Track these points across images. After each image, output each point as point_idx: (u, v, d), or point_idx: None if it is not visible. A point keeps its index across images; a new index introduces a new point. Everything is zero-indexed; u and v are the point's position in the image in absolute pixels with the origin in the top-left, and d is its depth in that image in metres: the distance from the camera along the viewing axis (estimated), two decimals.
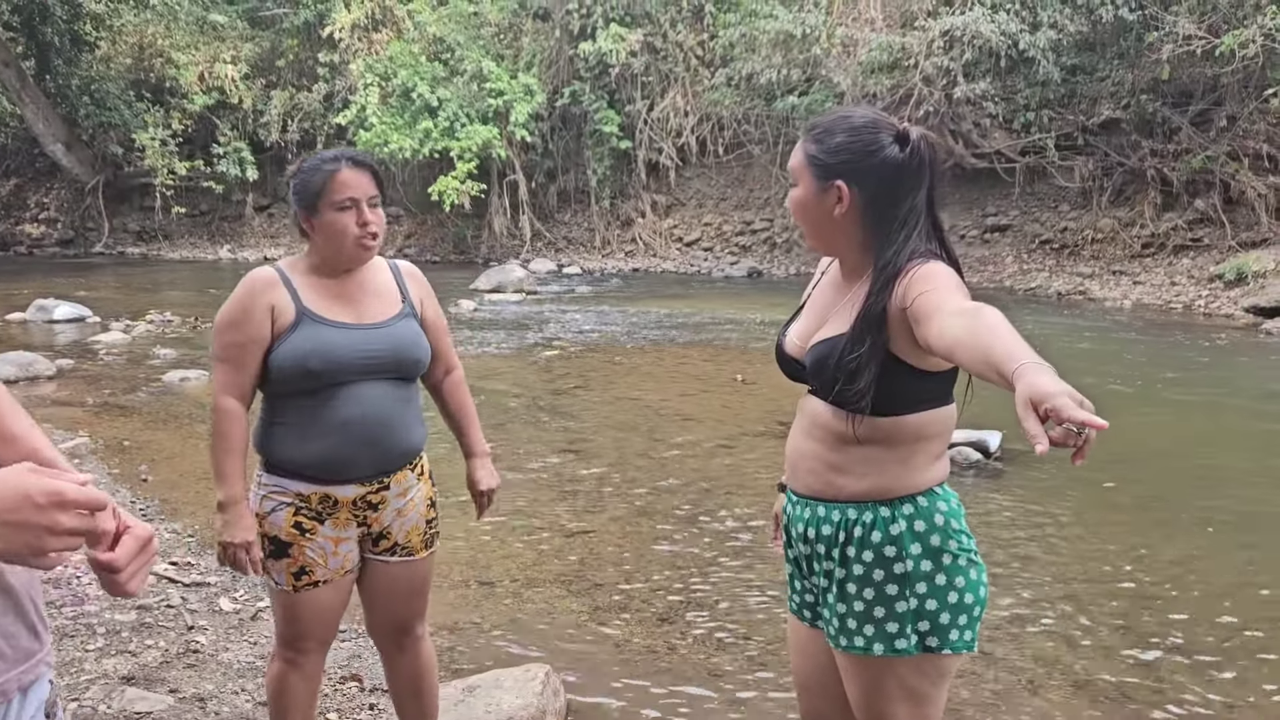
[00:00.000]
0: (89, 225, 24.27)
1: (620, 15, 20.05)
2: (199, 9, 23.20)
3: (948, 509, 1.86)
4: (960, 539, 1.85)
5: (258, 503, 2.31)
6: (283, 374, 2.24)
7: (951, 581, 1.82)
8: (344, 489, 2.30)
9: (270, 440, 2.31)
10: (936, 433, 1.86)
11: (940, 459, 1.89)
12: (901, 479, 1.83)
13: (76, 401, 7.72)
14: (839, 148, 1.82)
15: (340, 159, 2.28)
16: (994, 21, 15.17)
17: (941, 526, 1.83)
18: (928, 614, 1.81)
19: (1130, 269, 15.54)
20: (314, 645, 2.40)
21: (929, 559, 1.81)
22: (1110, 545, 4.83)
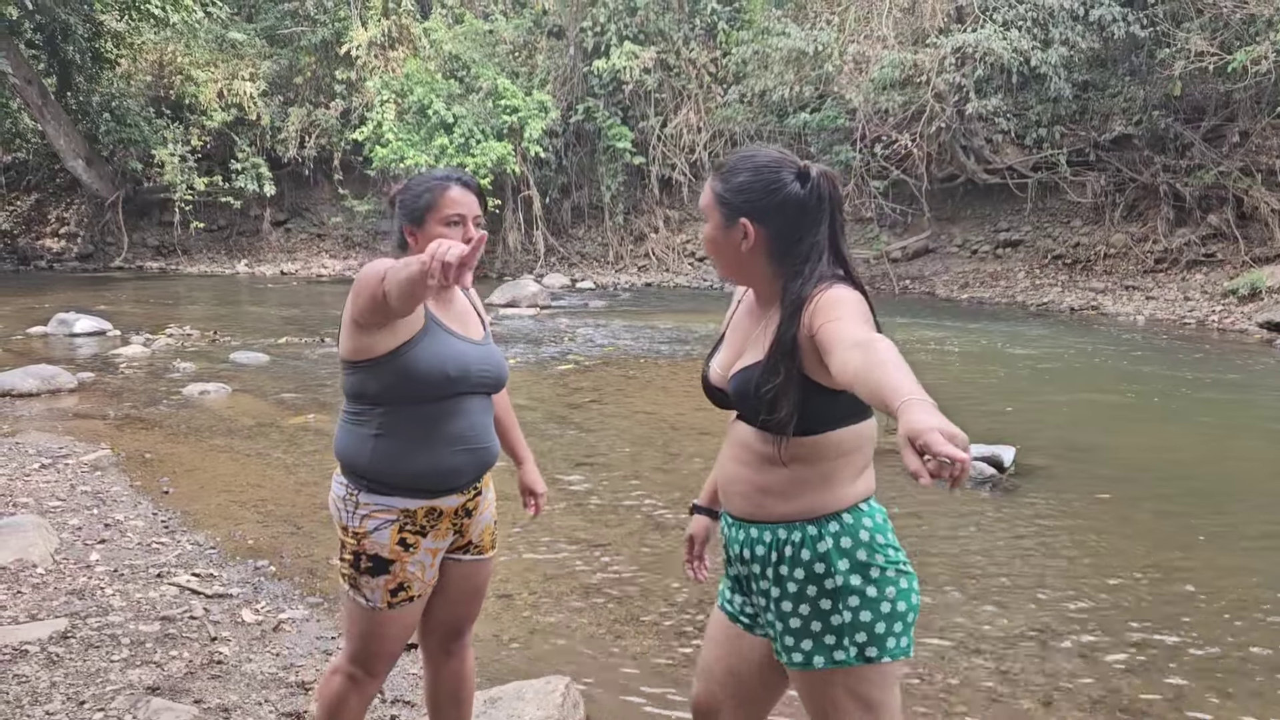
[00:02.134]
0: (108, 240, 24.51)
1: (634, 33, 20.21)
2: (218, 27, 23.46)
3: (873, 524, 1.91)
4: (886, 552, 1.90)
5: (358, 522, 2.28)
6: (415, 376, 2.21)
7: (883, 593, 1.88)
8: (449, 500, 2.32)
9: (374, 456, 2.27)
10: (856, 447, 1.93)
11: (864, 473, 1.95)
12: (826, 497, 1.90)
13: (98, 414, 7.81)
14: (743, 187, 1.92)
15: (451, 178, 2.37)
16: (1005, 38, 15.24)
17: (867, 542, 1.89)
18: (863, 625, 1.87)
19: (1143, 284, 15.53)
20: (385, 665, 2.39)
21: (857, 574, 1.88)
22: (1127, 561, 4.84)
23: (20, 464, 6.08)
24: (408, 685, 3.35)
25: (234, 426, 7.41)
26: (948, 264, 18.00)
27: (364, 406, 2.29)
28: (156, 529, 4.97)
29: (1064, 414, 8.33)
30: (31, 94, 22.01)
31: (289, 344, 11.56)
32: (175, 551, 4.64)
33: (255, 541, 4.88)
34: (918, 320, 14.12)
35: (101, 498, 5.46)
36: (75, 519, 5.04)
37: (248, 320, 14.25)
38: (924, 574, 4.58)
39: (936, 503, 5.77)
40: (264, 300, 17.60)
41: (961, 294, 17.13)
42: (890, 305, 16.36)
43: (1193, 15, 14.77)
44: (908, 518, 5.48)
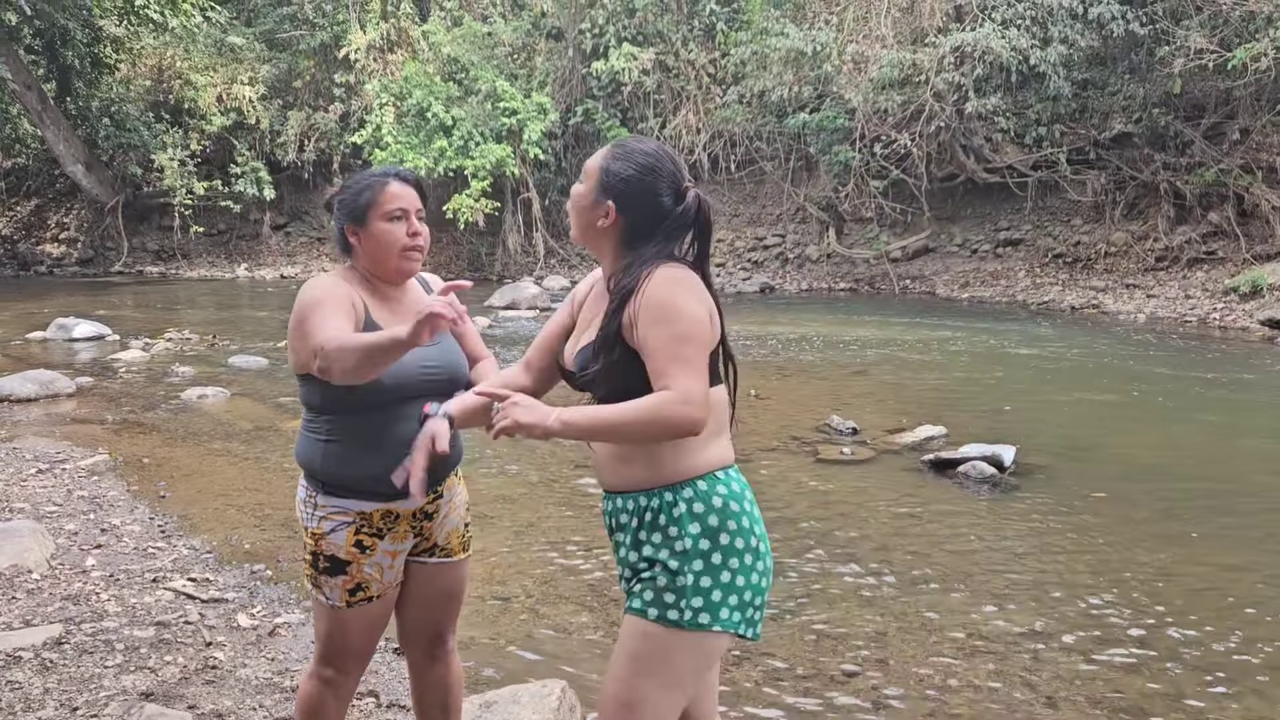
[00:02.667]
0: (108, 245, 24.50)
1: (632, 35, 20.19)
2: (217, 32, 23.44)
3: (728, 492, 1.96)
4: (739, 520, 1.95)
5: (316, 523, 2.32)
6: (353, 386, 2.18)
7: (725, 562, 1.93)
8: (406, 503, 2.31)
9: (328, 460, 2.30)
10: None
11: (716, 440, 1.99)
12: (678, 464, 1.95)
13: (96, 419, 7.80)
14: (625, 176, 2.02)
15: (388, 174, 2.38)
16: (1004, 37, 15.21)
17: (719, 508, 1.94)
18: (701, 590, 1.92)
19: (1144, 282, 15.50)
20: (354, 663, 2.41)
21: (706, 538, 1.93)
22: (1128, 560, 4.82)
23: (17, 469, 6.06)
24: (403, 689, 3.33)
25: (232, 430, 7.39)
26: (948, 263, 17.97)
27: (314, 414, 2.34)
28: (153, 534, 4.95)
29: (1064, 413, 8.31)
30: (31, 99, 22.01)
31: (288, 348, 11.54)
32: (171, 556, 4.62)
33: (252, 546, 4.86)
34: (918, 320, 14.10)
35: (98, 502, 5.44)
36: (72, 524, 5.03)
37: (247, 324, 14.23)
38: (924, 574, 4.58)
39: (936, 502, 5.75)
40: (264, 304, 17.59)
41: (962, 293, 17.10)
42: (891, 305, 16.34)
43: (1192, 12, 14.74)
44: (908, 518, 5.46)
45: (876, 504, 5.74)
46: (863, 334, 12.58)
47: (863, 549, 4.95)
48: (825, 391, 9.06)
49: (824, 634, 3.98)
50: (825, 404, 8.28)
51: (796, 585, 4.48)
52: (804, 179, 19.72)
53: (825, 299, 17.61)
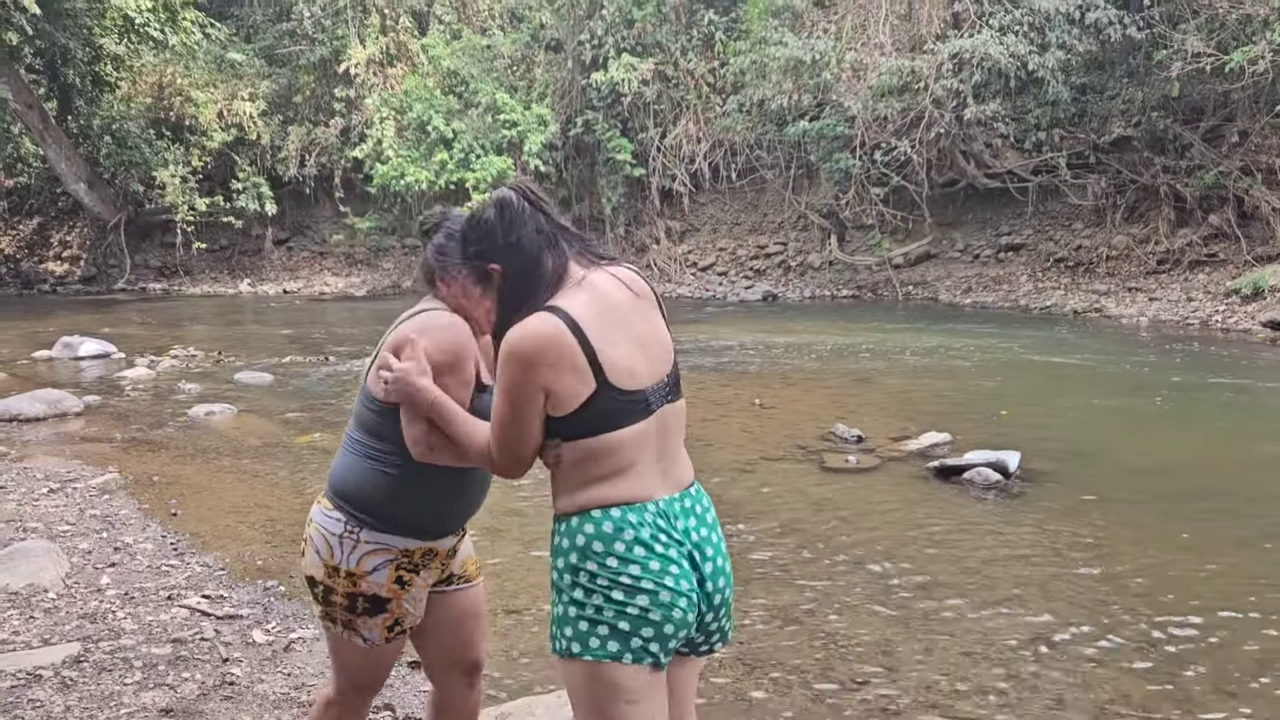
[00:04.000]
0: (111, 262, 24.57)
1: (631, 45, 20.27)
2: (217, 48, 23.55)
3: (594, 532, 1.95)
4: (603, 560, 1.94)
5: (355, 561, 2.24)
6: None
7: (589, 597, 1.94)
8: (446, 541, 2.35)
9: (388, 496, 2.23)
10: (586, 457, 1.96)
11: (603, 482, 1.96)
12: (563, 500, 2.01)
13: (105, 438, 7.84)
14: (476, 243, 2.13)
15: None
16: (1002, 43, 15.27)
17: (580, 546, 1.95)
18: (569, 620, 1.96)
19: (1146, 285, 15.53)
20: (378, 690, 2.46)
21: (568, 573, 1.97)
22: (1134, 565, 4.84)
23: (29, 489, 6.10)
24: (418, 703, 3.36)
25: (240, 447, 7.43)
26: (950, 269, 18.01)
27: (384, 445, 2.24)
28: (165, 551, 4.99)
29: (1068, 417, 8.33)
30: (32, 119, 22.11)
31: (293, 363, 11.59)
32: (185, 573, 4.66)
33: (264, 562, 4.89)
34: (921, 326, 14.14)
35: (110, 521, 5.48)
36: (85, 543, 5.06)
37: (251, 340, 14.28)
38: (931, 580, 4.61)
39: (942, 509, 5.78)
40: (267, 319, 17.65)
41: (964, 299, 17.14)
42: (893, 311, 16.38)
43: (1189, 16, 14.80)
44: (914, 525, 5.49)
45: (882, 511, 5.77)
46: (866, 341, 12.61)
47: (869, 556, 4.98)
48: (829, 399, 9.09)
49: (832, 641, 4.01)
50: (830, 412, 8.31)
51: (804, 593, 4.51)
52: (805, 187, 19.78)
53: (828, 306, 17.66)
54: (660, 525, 1.97)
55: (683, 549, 1.98)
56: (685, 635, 1.99)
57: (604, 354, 1.94)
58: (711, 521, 2.10)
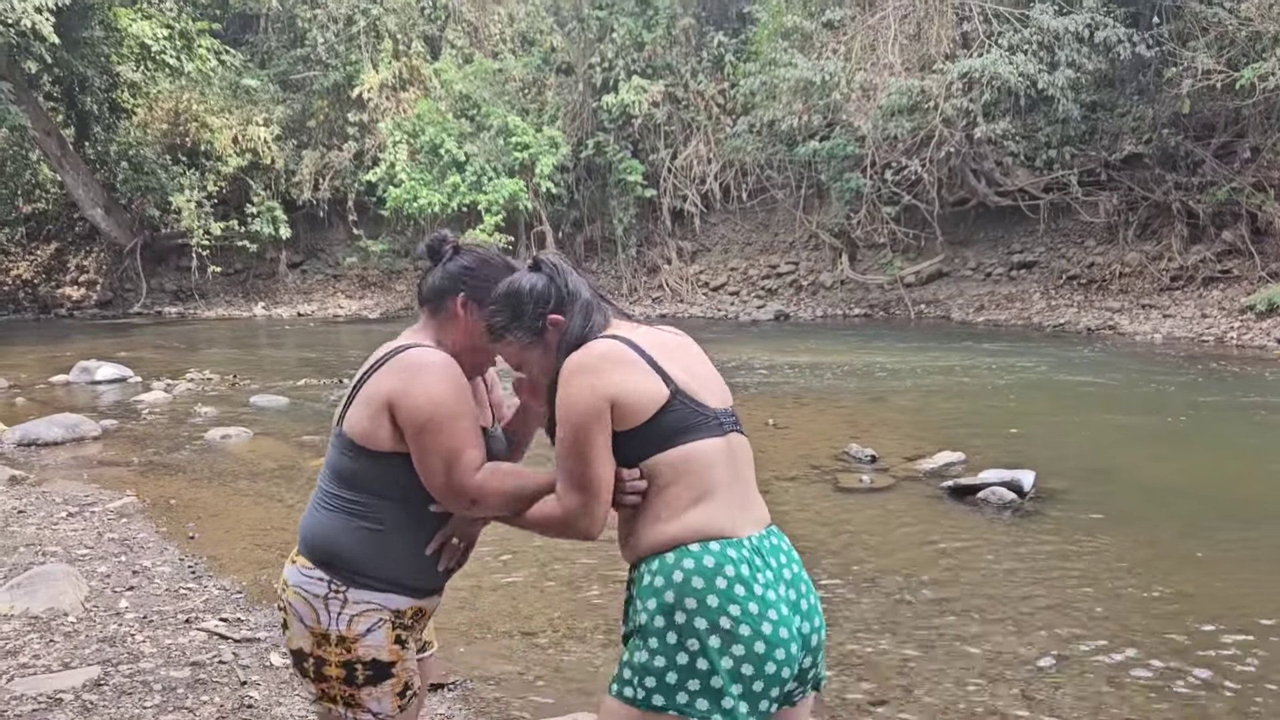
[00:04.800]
0: (127, 287, 24.78)
1: (642, 67, 20.42)
2: (232, 74, 23.82)
3: (694, 566, 1.82)
4: (703, 597, 1.80)
5: (345, 624, 2.00)
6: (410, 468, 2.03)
7: (683, 642, 1.79)
8: (433, 600, 2.17)
9: (373, 548, 2.03)
10: (667, 479, 1.88)
11: (691, 510, 1.87)
12: (647, 538, 1.89)
13: (122, 461, 7.89)
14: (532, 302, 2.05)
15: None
16: (1012, 63, 15.32)
17: (679, 583, 1.82)
18: (654, 669, 1.81)
19: (1159, 302, 15.49)
20: None
21: (661, 614, 1.82)
22: (1152, 585, 4.82)
23: (48, 513, 6.15)
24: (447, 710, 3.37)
25: (256, 470, 7.47)
26: (962, 287, 18.00)
27: (364, 497, 2.04)
28: (183, 574, 5.02)
29: (1083, 436, 8.31)
30: (51, 145, 22.37)
31: (308, 386, 11.65)
32: (203, 597, 4.68)
33: None
34: (934, 345, 14.12)
35: (129, 544, 5.51)
36: (104, 566, 5.10)
37: (266, 363, 14.37)
38: (947, 600, 4.60)
39: (957, 528, 5.76)
40: (282, 343, 17.76)
41: (977, 317, 17.12)
42: (906, 330, 16.37)
43: (1198, 34, 14.83)
44: (929, 545, 5.48)
45: (897, 531, 5.76)
46: (879, 360, 12.60)
47: (885, 576, 4.97)
48: (843, 419, 9.09)
49: (848, 663, 4.01)
50: (843, 431, 8.31)
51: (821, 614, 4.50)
52: (816, 206, 19.84)
53: (840, 325, 17.66)
54: (757, 564, 1.86)
55: (779, 590, 1.87)
56: (780, 691, 1.84)
57: (669, 368, 1.91)
58: (799, 559, 1.99)
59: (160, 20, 22.20)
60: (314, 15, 23.46)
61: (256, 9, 24.78)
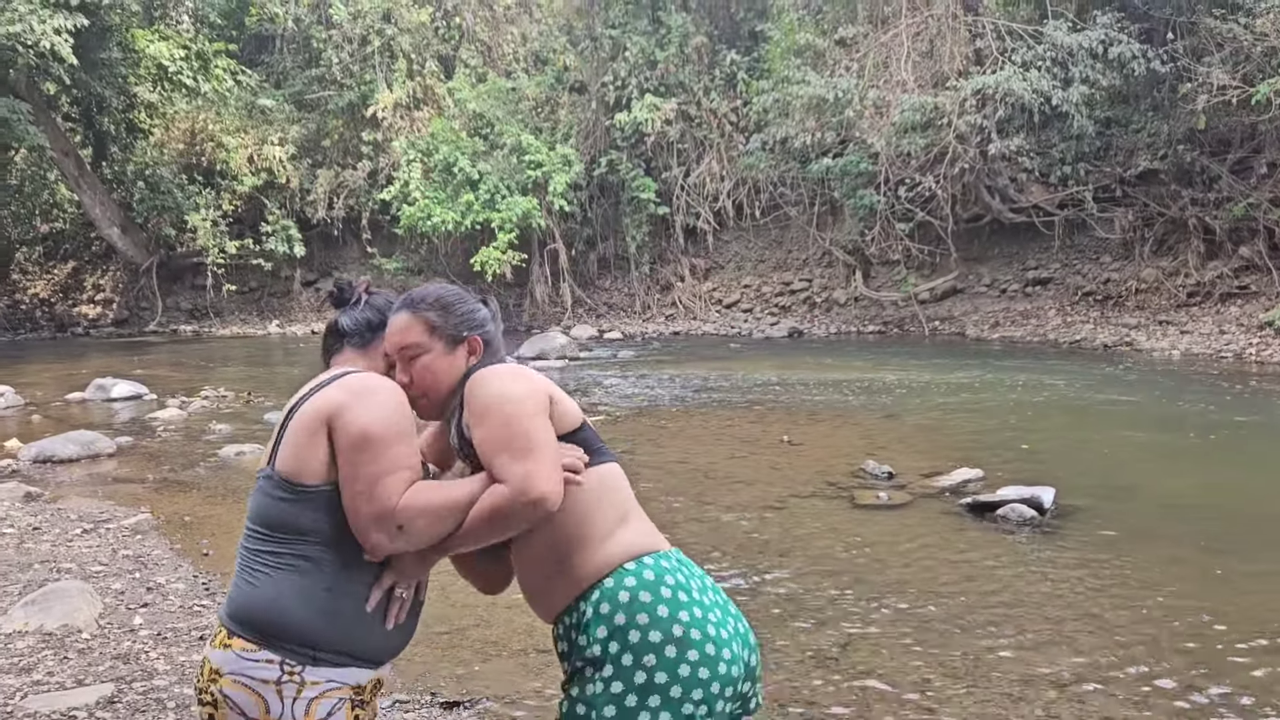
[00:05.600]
0: (142, 305, 24.94)
1: (655, 86, 20.50)
2: (248, 94, 24.02)
3: (637, 583, 1.82)
4: (652, 610, 1.79)
5: (302, 711, 1.73)
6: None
7: (639, 661, 1.76)
8: (386, 668, 1.95)
9: (329, 609, 1.78)
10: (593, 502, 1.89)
11: (620, 529, 1.89)
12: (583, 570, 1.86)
13: (137, 478, 7.89)
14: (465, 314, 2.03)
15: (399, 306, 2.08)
16: (1026, 79, 15.31)
17: (625, 603, 1.80)
18: (611, 697, 1.76)
19: (1177, 318, 15.39)
20: None
21: (615, 640, 1.79)
22: (1174, 601, 4.75)
23: (63, 530, 6.14)
24: (460, 688, 3.32)
25: None
26: (977, 304, 17.94)
27: (300, 545, 1.79)
28: (197, 591, 5.00)
29: (1102, 453, 8.23)
30: (68, 165, 22.57)
31: None
32: (217, 614, 4.66)
33: None
34: (949, 361, 14.05)
35: (143, 561, 5.50)
36: (118, 583, 5.08)
37: (280, 380, 14.39)
38: (969, 618, 4.54)
39: (977, 546, 5.70)
40: (296, 360, 17.79)
41: (992, 334, 17.04)
42: (920, 347, 16.30)
43: (1213, 49, 14.79)
44: (949, 563, 5.42)
45: (916, 548, 5.70)
46: (893, 377, 12.54)
47: (905, 594, 4.91)
48: (858, 435, 9.03)
49: (871, 682, 3.95)
50: (859, 448, 8.25)
51: (840, 633, 4.45)
52: (829, 223, 19.83)
53: (854, 342, 17.60)
54: (685, 573, 1.88)
55: (709, 595, 1.89)
56: (734, 691, 1.83)
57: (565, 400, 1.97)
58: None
59: (177, 41, 22.43)
60: (329, 36, 23.66)
61: (272, 30, 25.01)
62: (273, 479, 1.81)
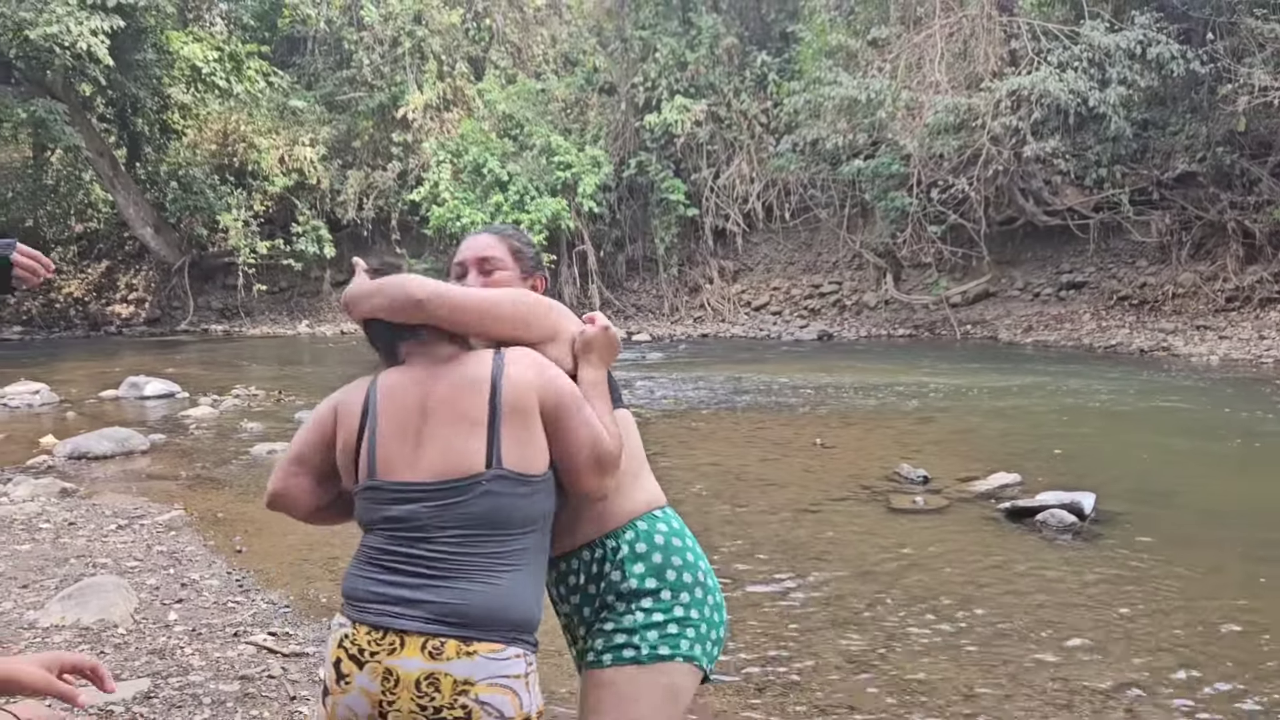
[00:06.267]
0: (174, 304, 25.18)
1: (685, 87, 20.45)
2: (279, 96, 24.20)
3: (668, 529, 2.01)
4: (683, 555, 1.98)
5: (537, 697, 1.80)
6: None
7: (676, 597, 1.95)
8: None
9: (539, 595, 1.88)
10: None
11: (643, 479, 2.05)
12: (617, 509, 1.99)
13: (170, 475, 7.93)
14: (538, 257, 2.25)
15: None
16: (1062, 80, 15.12)
17: (661, 545, 1.97)
18: (655, 624, 1.92)
19: (1215, 324, 15.15)
20: None
21: (652, 576, 1.95)
22: (1223, 612, 4.63)
23: (98, 525, 6.17)
24: None
25: None
26: (1009, 307, 17.75)
27: (532, 537, 1.84)
28: (231, 588, 4.99)
29: (1141, 459, 8.09)
30: (103, 166, 22.83)
31: None
32: (251, 610, 4.65)
33: (329, 600, 4.87)
34: (982, 365, 13.90)
35: (177, 557, 5.51)
36: (153, 579, 5.09)
37: (310, 380, 14.45)
38: (1009, 625, 4.45)
39: (1016, 552, 5.61)
40: (325, 360, 17.88)
41: (1025, 338, 16.85)
42: (952, 351, 16.14)
43: (1254, 50, 14.55)
44: (988, 568, 5.33)
45: (954, 553, 5.61)
46: (926, 380, 12.42)
47: (944, 600, 4.82)
48: (892, 439, 8.93)
49: (908, 688, 3.87)
50: (893, 452, 8.16)
51: (878, 638, 4.37)
52: (860, 225, 19.69)
53: (884, 345, 17.46)
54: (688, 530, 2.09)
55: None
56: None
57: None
58: None
59: (211, 43, 22.64)
60: (360, 37, 23.79)
61: (304, 32, 25.18)
62: (507, 477, 1.79)
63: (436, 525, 1.78)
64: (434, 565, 1.77)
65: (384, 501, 1.83)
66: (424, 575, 1.77)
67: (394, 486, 1.82)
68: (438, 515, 1.78)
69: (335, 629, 1.87)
